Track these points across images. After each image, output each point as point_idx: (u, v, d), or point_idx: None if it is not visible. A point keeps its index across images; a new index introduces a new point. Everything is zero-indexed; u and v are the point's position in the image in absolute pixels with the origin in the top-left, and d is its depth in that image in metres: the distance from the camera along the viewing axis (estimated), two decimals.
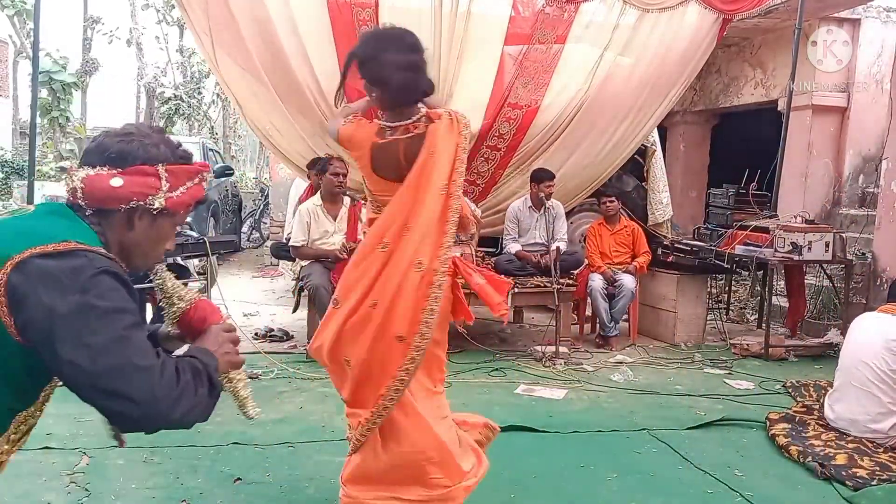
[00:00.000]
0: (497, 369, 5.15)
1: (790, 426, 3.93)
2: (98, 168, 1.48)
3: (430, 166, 2.41)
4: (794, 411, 4.19)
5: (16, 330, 1.33)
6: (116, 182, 1.47)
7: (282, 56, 5.65)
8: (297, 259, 5.70)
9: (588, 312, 6.46)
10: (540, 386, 4.79)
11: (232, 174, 10.59)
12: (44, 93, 18.64)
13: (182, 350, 1.52)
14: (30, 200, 5.70)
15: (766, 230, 6.05)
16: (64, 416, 3.86)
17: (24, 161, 15.65)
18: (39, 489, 3.00)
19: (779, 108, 7.92)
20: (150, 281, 1.64)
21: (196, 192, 1.58)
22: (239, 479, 3.17)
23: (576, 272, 6.17)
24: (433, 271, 2.36)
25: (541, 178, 5.97)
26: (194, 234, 7.22)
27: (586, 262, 6.27)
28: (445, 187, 2.37)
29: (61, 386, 4.46)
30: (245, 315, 6.72)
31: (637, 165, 7.94)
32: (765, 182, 7.00)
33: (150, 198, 1.51)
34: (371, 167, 2.56)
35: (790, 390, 4.82)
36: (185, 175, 1.56)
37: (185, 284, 1.66)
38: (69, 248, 1.36)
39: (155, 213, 1.52)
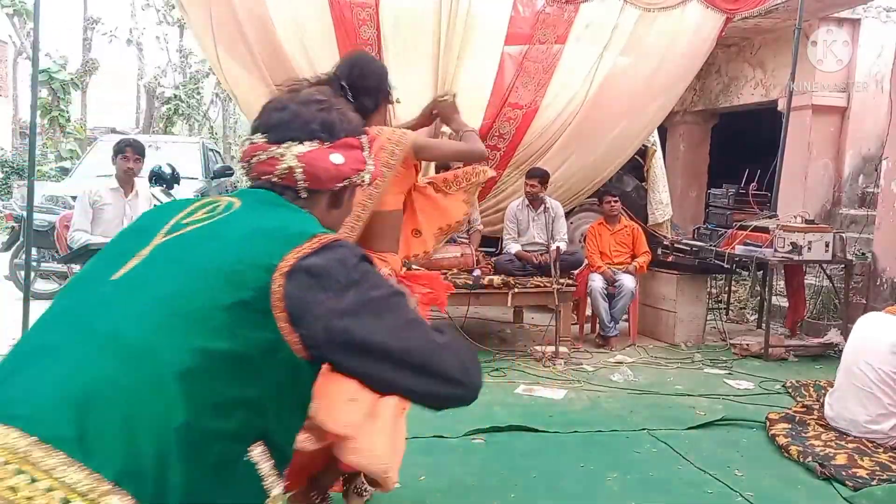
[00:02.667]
0: (497, 369, 5.15)
1: (790, 426, 3.93)
2: (308, 143, 1.32)
3: None
4: (794, 411, 4.19)
5: (302, 345, 1.16)
6: (337, 159, 1.33)
7: (282, 53, 5.65)
8: None
9: (588, 312, 6.46)
10: (540, 386, 4.79)
11: (232, 174, 10.57)
12: (44, 93, 18.62)
13: None
14: (30, 200, 5.68)
15: (765, 230, 6.05)
16: None
17: (25, 161, 15.63)
18: None
19: (779, 108, 7.92)
20: None
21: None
22: None
23: (576, 272, 6.17)
24: None
25: (529, 174, 6.01)
26: None
27: (586, 262, 6.27)
28: None
29: None
30: None
31: (637, 165, 7.93)
32: (765, 182, 7.00)
33: (360, 173, 1.38)
34: None
35: (790, 390, 4.82)
36: (370, 142, 1.43)
37: None
38: (324, 242, 1.19)
39: (358, 188, 1.40)
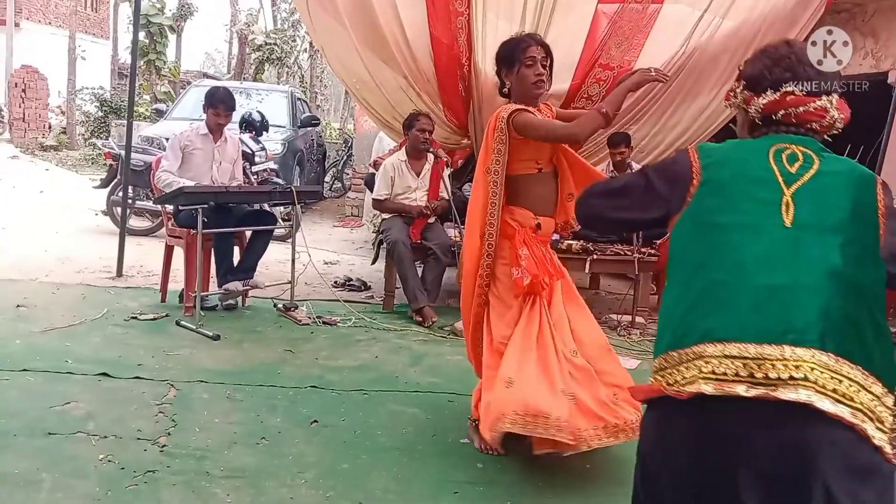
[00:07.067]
0: None
1: None
2: (835, 95, 1.66)
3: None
4: None
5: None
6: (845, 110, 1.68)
7: (369, 7, 5.60)
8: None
9: None
10: None
11: (318, 124, 10.73)
12: (141, 35, 19.22)
13: None
14: (128, 142, 5.93)
15: None
16: (154, 348, 4.06)
17: (122, 101, 16.28)
18: (131, 416, 3.16)
19: (889, 81, 7.45)
20: None
21: None
22: (315, 421, 3.26)
23: (658, 242, 6.03)
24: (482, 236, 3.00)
25: (614, 142, 5.82)
26: (282, 182, 7.39)
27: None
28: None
29: (153, 319, 4.58)
30: (326, 263, 6.87)
31: None
32: (867, 159, 6.64)
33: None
34: None
35: None
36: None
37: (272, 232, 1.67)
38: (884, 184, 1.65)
39: None
